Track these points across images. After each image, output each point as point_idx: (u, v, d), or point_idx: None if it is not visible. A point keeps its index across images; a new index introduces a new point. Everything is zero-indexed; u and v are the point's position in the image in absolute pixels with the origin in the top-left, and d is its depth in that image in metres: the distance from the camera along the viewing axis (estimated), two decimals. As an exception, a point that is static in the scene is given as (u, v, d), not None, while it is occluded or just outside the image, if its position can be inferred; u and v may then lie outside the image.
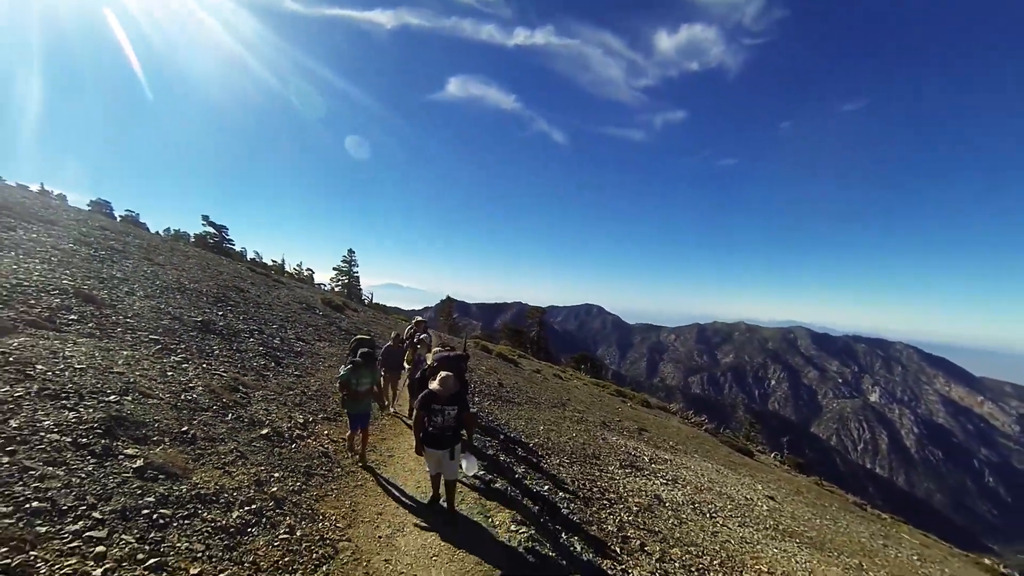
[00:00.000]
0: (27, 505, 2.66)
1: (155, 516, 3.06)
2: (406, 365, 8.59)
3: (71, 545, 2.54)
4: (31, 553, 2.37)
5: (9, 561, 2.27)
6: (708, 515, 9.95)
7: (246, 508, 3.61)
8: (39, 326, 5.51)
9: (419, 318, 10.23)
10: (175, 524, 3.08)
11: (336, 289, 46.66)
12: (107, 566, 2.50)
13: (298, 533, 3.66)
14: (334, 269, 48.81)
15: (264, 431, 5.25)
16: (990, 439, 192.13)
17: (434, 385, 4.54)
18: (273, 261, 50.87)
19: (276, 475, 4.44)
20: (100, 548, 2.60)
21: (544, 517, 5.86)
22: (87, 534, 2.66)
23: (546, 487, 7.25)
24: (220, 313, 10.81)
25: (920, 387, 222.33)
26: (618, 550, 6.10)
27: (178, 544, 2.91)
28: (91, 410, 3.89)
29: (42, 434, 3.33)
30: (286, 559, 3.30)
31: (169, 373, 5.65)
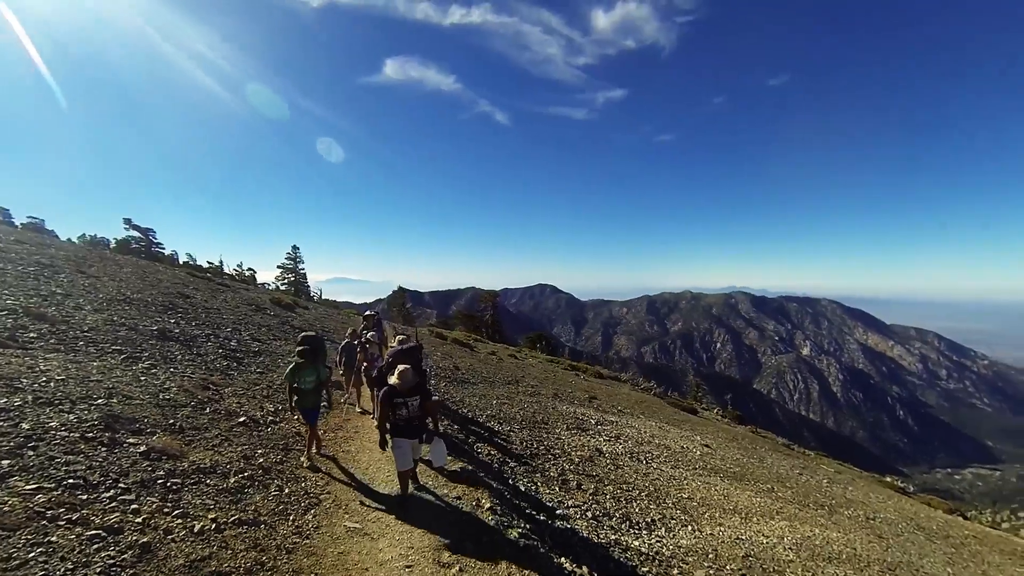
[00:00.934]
0: (65, 482, 3.36)
1: (169, 484, 3.83)
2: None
3: (110, 506, 3.30)
4: (82, 512, 3.11)
5: (70, 516, 3.01)
6: (644, 461, 11.50)
7: (240, 475, 4.43)
8: (4, 345, 5.83)
9: (369, 312, 10.70)
10: (186, 488, 3.87)
11: (282, 288, 45.28)
12: (143, 516, 3.29)
13: (286, 491, 4.55)
14: (279, 267, 47.22)
15: (241, 419, 5.97)
16: (899, 378, 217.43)
17: (393, 380, 4.65)
18: (209, 263, 48.11)
19: (259, 451, 5.24)
20: (134, 506, 3.37)
21: (492, 480, 6.80)
22: (120, 498, 3.42)
23: (494, 452, 8.30)
24: (172, 321, 10.98)
25: (843, 338, 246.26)
26: (556, 488, 7.36)
27: (193, 501, 3.72)
28: (86, 411, 4.50)
29: (53, 432, 3.96)
30: (280, 507, 4.19)
31: (142, 378, 6.17)
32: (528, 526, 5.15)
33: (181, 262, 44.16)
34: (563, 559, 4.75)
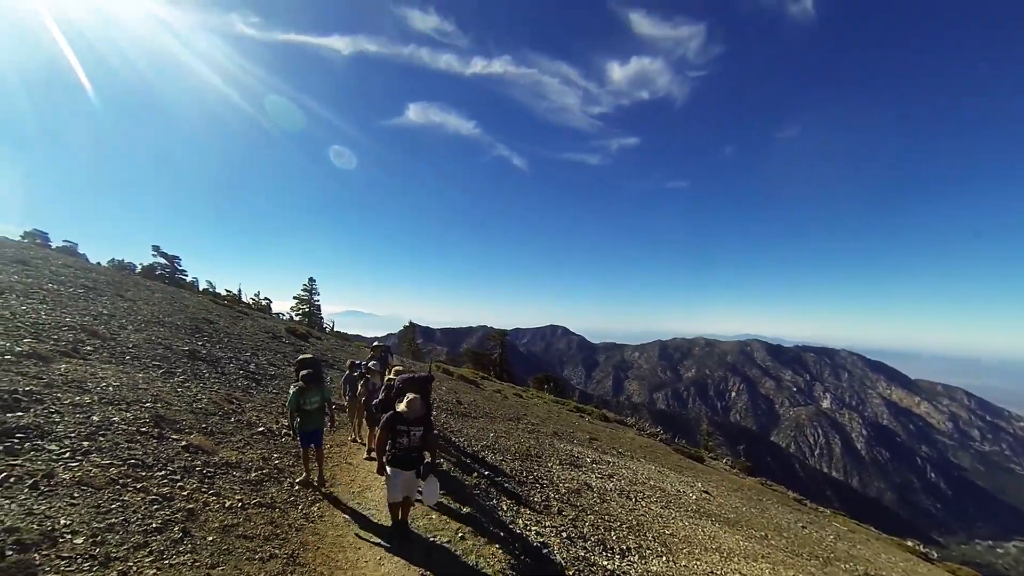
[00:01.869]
0: (129, 461, 4.30)
1: (204, 471, 4.74)
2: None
3: (163, 481, 4.20)
4: (144, 483, 4.01)
5: (135, 484, 3.91)
6: (633, 499, 11.79)
7: (260, 471, 5.30)
8: (70, 356, 6.90)
9: (377, 343, 11.25)
10: (218, 476, 4.76)
11: (296, 318, 46.61)
12: (188, 491, 4.17)
13: (296, 487, 5.38)
14: (294, 298, 48.78)
15: (260, 429, 6.87)
16: (929, 437, 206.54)
17: (401, 407, 4.60)
18: (227, 291, 49.48)
19: (275, 456, 6.10)
20: (180, 484, 4.27)
21: (474, 506, 7.09)
22: (169, 477, 4.33)
23: (482, 480, 8.63)
24: (200, 343, 12.08)
25: (865, 391, 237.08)
26: (537, 512, 7.90)
27: (224, 486, 4.60)
28: (139, 412, 5.47)
29: (116, 424, 4.92)
30: (291, 499, 5.04)
31: (178, 390, 7.17)
32: (501, 545, 5.73)
33: (201, 289, 45.95)
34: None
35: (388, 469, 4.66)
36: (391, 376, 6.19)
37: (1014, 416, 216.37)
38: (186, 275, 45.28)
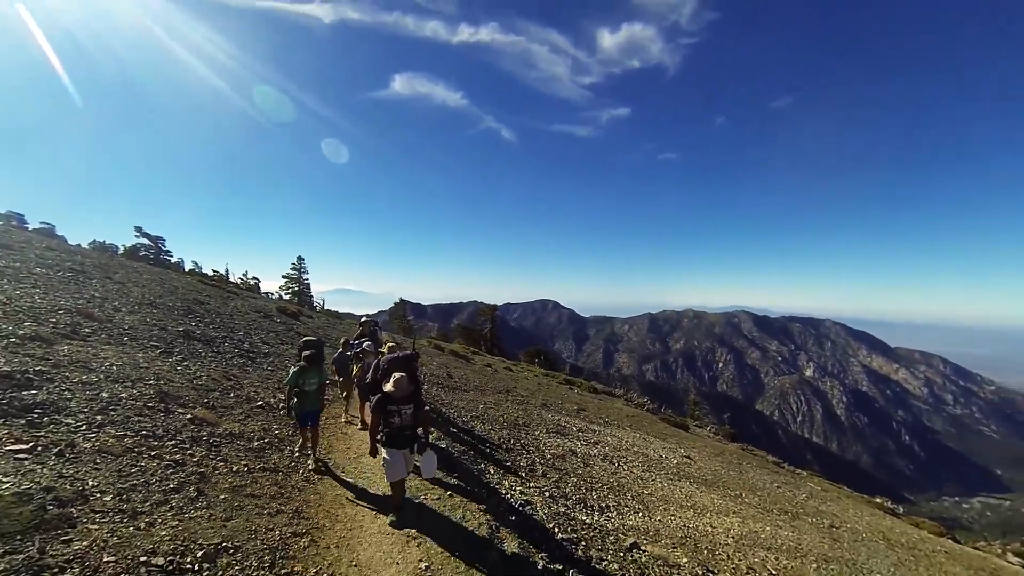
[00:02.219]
0: (141, 432, 4.69)
1: (211, 441, 5.17)
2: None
3: (174, 449, 4.62)
4: (157, 451, 4.42)
5: (150, 452, 4.31)
6: (616, 463, 12.49)
7: (262, 440, 5.74)
8: (70, 337, 7.17)
9: (365, 318, 10.95)
10: (223, 445, 5.19)
11: (286, 297, 46.52)
12: (198, 458, 4.59)
13: (296, 454, 5.85)
14: (283, 277, 48.56)
15: (259, 403, 7.29)
16: (905, 402, 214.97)
17: (388, 387, 4.61)
18: (215, 271, 48.89)
19: (275, 427, 6.55)
20: (190, 451, 4.67)
21: (464, 476, 7.53)
22: (179, 446, 4.74)
23: (469, 449, 9.15)
24: (193, 324, 12.33)
25: (847, 360, 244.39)
26: (523, 475, 8.51)
27: (230, 453, 5.04)
28: (144, 388, 5.84)
29: (125, 400, 5.29)
30: (292, 464, 5.52)
31: (178, 368, 7.51)
32: (486, 503, 6.25)
33: (187, 270, 45.44)
34: (509, 532, 5.86)
35: (384, 450, 4.73)
36: (383, 351, 6.36)
37: (985, 380, 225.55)
38: (171, 256, 44.75)
